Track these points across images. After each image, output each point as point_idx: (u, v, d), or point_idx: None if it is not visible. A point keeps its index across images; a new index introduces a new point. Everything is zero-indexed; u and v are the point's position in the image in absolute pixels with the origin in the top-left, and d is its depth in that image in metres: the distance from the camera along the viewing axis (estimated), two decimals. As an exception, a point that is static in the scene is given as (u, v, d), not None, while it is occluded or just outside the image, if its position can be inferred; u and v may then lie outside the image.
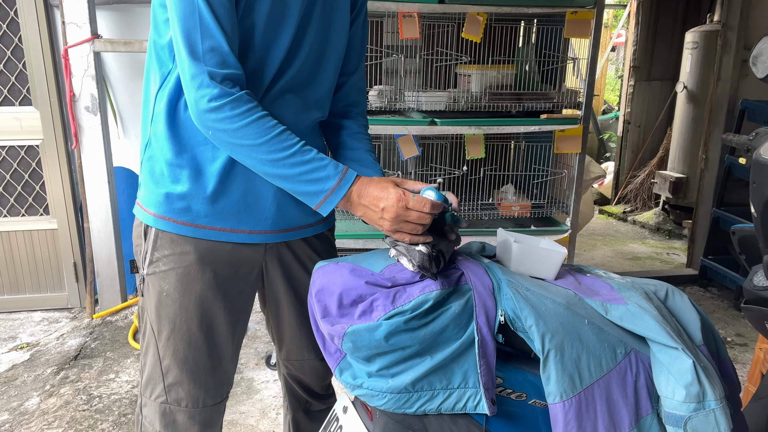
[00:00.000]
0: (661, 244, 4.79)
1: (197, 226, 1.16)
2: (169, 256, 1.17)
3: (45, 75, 3.04)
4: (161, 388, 1.22)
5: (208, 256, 1.18)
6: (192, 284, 1.18)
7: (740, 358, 2.85)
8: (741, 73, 3.58)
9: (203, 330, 1.20)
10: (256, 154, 1.04)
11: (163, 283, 1.18)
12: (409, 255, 1.05)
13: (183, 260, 1.17)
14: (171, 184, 1.15)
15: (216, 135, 1.05)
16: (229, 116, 1.02)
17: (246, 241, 1.20)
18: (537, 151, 2.85)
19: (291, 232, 1.26)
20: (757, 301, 1.38)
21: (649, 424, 0.99)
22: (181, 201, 1.15)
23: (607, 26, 8.15)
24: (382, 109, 2.55)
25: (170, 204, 1.15)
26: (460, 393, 0.99)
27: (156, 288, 1.19)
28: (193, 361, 1.21)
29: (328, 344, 1.08)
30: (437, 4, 2.35)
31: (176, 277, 1.17)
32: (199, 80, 1.02)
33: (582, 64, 2.71)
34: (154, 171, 1.17)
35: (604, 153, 6.71)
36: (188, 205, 1.15)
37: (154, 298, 1.19)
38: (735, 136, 1.54)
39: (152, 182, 1.17)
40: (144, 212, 1.19)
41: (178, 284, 1.18)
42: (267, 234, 1.22)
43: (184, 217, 1.16)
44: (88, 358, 2.77)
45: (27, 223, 3.21)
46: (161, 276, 1.18)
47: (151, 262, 1.19)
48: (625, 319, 1.02)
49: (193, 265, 1.17)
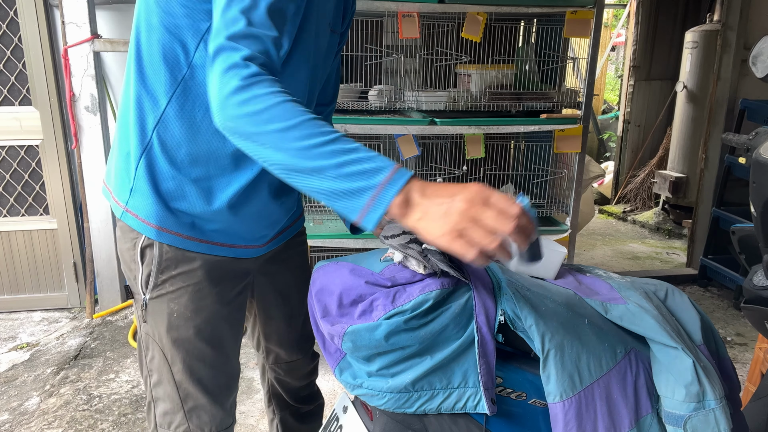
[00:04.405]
0: (660, 244, 4.79)
1: (205, 241, 1.10)
2: (178, 276, 1.10)
3: (45, 75, 3.04)
4: (181, 417, 1.16)
5: (215, 270, 1.13)
6: (203, 301, 1.12)
7: (740, 357, 2.85)
8: (741, 73, 3.58)
9: (216, 347, 1.16)
10: (284, 141, 0.82)
11: (172, 305, 1.11)
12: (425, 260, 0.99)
13: (193, 277, 1.11)
14: (177, 199, 1.07)
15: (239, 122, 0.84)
16: (259, 95, 0.83)
17: (247, 255, 1.18)
18: (537, 150, 2.85)
19: (277, 238, 1.27)
20: (757, 301, 1.38)
21: (649, 424, 0.99)
22: (187, 216, 1.08)
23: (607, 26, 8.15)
24: (382, 109, 2.55)
25: (177, 218, 1.07)
26: (460, 392, 0.99)
27: (165, 311, 1.11)
28: (212, 381, 1.16)
29: (328, 344, 1.08)
30: (437, 4, 2.35)
31: (188, 296, 1.11)
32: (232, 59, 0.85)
33: (582, 63, 2.71)
34: (155, 179, 1.06)
35: (604, 153, 6.71)
36: (193, 222, 1.09)
37: (164, 321, 1.12)
38: (735, 135, 1.54)
39: (152, 191, 1.06)
40: (142, 223, 1.08)
41: (190, 303, 1.11)
42: (262, 247, 1.21)
43: (192, 232, 1.09)
44: (88, 358, 2.77)
45: (27, 223, 3.21)
46: (170, 297, 1.11)
47: (156, 285, 1.10)
48: (625, 319, 1.02)
49: (203, 281, 1.11)
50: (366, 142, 2.63)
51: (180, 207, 1.07)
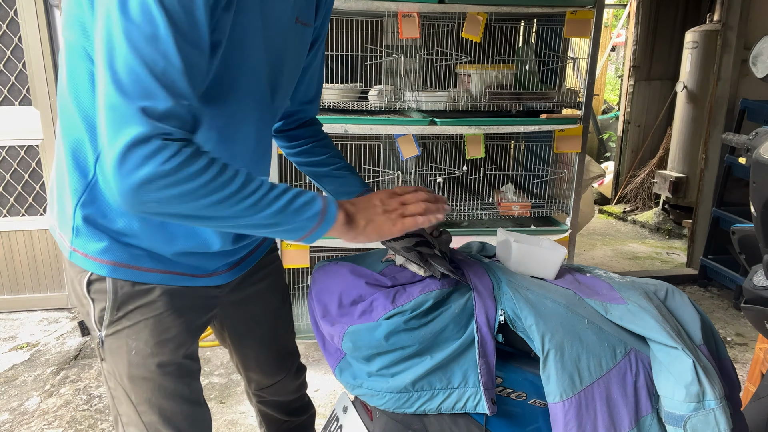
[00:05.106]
0: (660, 244, 4.79)
1: (165, 271, 1.03)
2: (136, 309, 1.02)
3: (45, 75, 3.04)
4: None
5: (177, 299, 1.05)
6: (166, 333, 1.04)
7: (740, 357, 2.85)
8: (741, 73, 3.58)
9: (183, 377, 1.08)
10: (230, 207, 0.82)
11: (130, 342, 1.02)
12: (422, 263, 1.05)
13: (153, 309, 1.02)
14: (128, 235, 0.99)
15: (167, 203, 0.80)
16: (190, 173, 0.79)
17: (212, 283, 1.11)
18: (537, 150, 2.85)
19: (245, 262, 1.20)
20: (757, 301, 1.38)
21: (648, 424, 0.99)
22: (140, 250, 1.00)
23: (607, 26, 8.15)
24: (382, 109, 2.55)
25: (129, 250, 0.99)
26: (460, 392, 0.99)
27: (123, 348, 1.03)
28: (182, 416, 1.07)
29: (328, 344, 1.08)
30: (437, 4, 2.35)
31: (148, 330, 1.02)
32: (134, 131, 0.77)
33: (582, 63, 2.71)
34: (105, 215, 0.97)
35: (604, 153, 6.71)
36: (150, 253, 1.01)
37: (123, 360, 1.03)
38: (735, 135, 1.54)
39: (98, 228, 0.98)
40: (91, 261, 0.99)
41: (151, 338, 1.03)
42: (227, 272, 1.14)
43: (148, 264, 1.01)
44: (88, 358, 2.77)
45: (27, 223, 3.20)
46: (128, 333, 1.02)
47: (112, 321, 1.02)
48: (625, 319, 1.02)
49: (165, 312, 1.03)
50: (366, 142, 2.64)
51: (132, 242, 1.00)
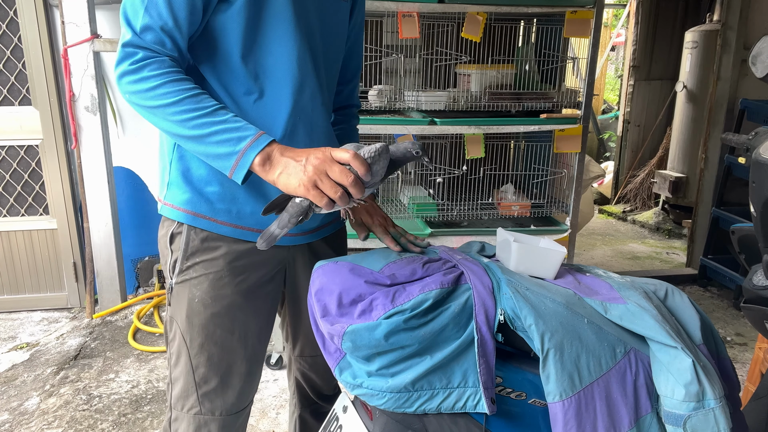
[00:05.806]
0: (660, 244, 4.79)
1: (236, 226, 1.14)
2: (201, 263, 1.15)
3: (45, 75, 3.04)
4: (194, 399, 1.20)
5: (238, 260, 1.16)
6: (222, 290, 1.16)
7: (740, 357, 2.85)
8: (741, 73, 3.59)
9: (236, 334, 1.19)
10: (169, 115, 1.00)
11: (194, 290, 1.16)
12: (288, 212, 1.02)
13: (214, 265, 1.15)
14: (209, 185, 1.12)
15: (132, 98, 1.02)
16: (146, 76, 0.99)
17: (279, 243, 1.18)
18: (537, 150, 2.85)
19: (315, 233, 1.27)
20: (757, 301, 1.38)
21: (648, 424, 0.99)
22: (221, 202, 1.13)
23: (607, 26, 8.15)
24: (381, 108, 2.55)
25: (210, 203, 1.13)
26: (459, 392, 0.99)
27: (186, 295, 1.17)
28: (228, 367, 1.20)
29: (328, 344, 1.08)
30: (437, 4, 2.35)
31: (208, 283, 1.15)
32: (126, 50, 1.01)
33: (582, 63, 2.71)
34: (189, 170, 1.13)
35: (603, 153, 6.71)
36: (228, 207, 1.13)
37: (184, 306, 1.17)
38: (734, 135, 1.54)
39: (185, 180, 1.13)
40: (175, 210, 1.15)
41: (210, 290, 1.16)
42: (296, 236, 1.22)
43: (223, 217, 1.13)
44: (87, 358, 2.77)
45: (27, 223, 3.21)
46: (193, 283, 1.16)
47: (181, 271, 1.16)
48: (625, 319, 1.02)
49: (223, 270, 1.15)
50: (366, 142, 2.63)
51: (213, 190, 1.12)
